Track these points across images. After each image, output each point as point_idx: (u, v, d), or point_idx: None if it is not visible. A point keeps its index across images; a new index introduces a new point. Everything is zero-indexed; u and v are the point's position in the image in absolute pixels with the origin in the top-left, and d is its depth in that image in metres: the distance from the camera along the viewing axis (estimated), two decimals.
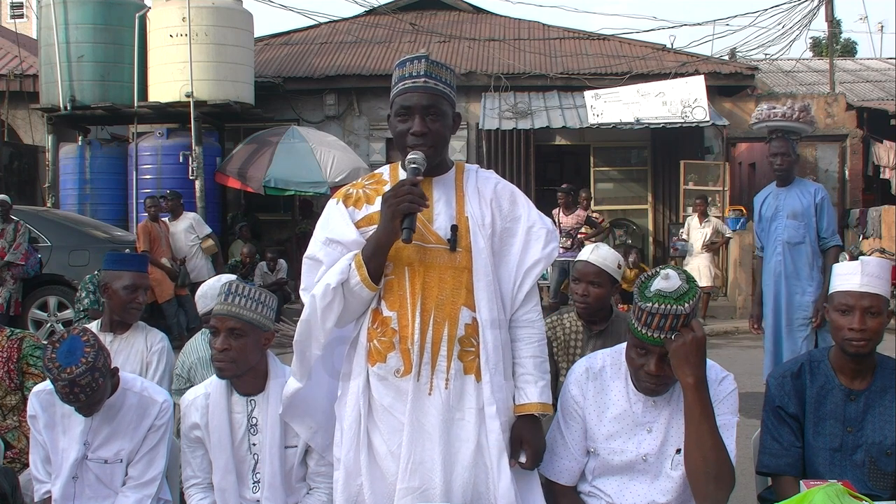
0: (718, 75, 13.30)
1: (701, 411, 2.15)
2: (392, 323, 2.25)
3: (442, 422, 2.23)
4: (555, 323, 3.44)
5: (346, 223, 2.32)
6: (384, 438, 2.26)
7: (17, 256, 8.47)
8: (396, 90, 2.30)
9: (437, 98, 2.27)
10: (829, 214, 5.03)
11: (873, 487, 2.42)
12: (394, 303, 2.26)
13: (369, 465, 2.27)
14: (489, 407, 2.25)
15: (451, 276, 2.27)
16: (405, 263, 2.26)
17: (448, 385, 2.24)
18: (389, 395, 2.25)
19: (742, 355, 8.62)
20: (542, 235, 2.38)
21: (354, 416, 2.28)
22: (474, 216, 2.31)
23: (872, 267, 2.44)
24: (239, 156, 11.98)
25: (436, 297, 2.25)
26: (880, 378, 2.49)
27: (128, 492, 2.66)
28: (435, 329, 2.24)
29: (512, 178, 12.25)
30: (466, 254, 2.28)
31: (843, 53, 26.88)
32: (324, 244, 2.30)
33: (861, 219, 12.66)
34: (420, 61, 2.28)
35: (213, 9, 11.44)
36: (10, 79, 13.47)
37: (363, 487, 2.27)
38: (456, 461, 2.24)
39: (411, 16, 15.79)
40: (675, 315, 2.15)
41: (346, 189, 2.43)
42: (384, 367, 2.25)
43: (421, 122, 2.25)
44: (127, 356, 3.27)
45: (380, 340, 2.26)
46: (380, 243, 2.22)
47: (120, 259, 3.41)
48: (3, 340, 3.35)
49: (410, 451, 2.22)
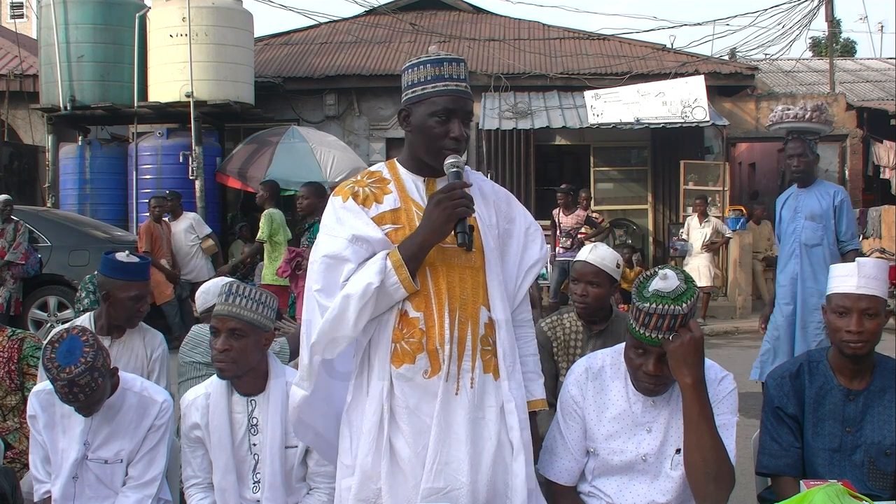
0: (718, 75, 13.30)
1: (699, 412, 2.15)
2: (419, 324, 2.22)
3: (468, 421, 2.21)
4: (555, 323, 3.43)
5: (366, 221, 2.25)
6: (408, 441, 2.22)
7: (17, 256, 8.47)
8: (436, 90, 2.22)
9: (472, 104, 2.31)
10: (848, 217, 4.93)
11: (873, 487, 2.42)
12: (419, 304, 2.23)
13: (391, 470, 2.22)
14: (508, 404, 2.26)
15: (470, 276, 2.27)
16: (427, 264, 2.23)
17: (473, 384, 2.23)
18: (416, 395, 2.21)
19: (742, 355, 8.61)
20: (538, 237, 2.42)
21: (376, 420, 2.23)
22: (482, 217, 2.32)
23: (869, 269, 2.44)
24: (239, 156, 11.98)
25: (459, 297, 2.24)
26: (879, 378, 2.49)
27: (128, 492, 2.66)
28: (460, 328, 2.23)
29: (512, 178, 12.28)
30: (480, 254, 2.29)
31: (843, 53, 26.88)
32: (350, 241, 2.21)
33: (861, 219, 12.65)
34: (460, 65, 2.25)
35: (213, 9, 11.44)
36: (10, 79, 13.47)
37: (382, 492, 2.22)
38: (481, 461, 2.23)
39: (411, 16, 15.79)
40: (672, 315, 2.15)
41: (350, 187, 2.34)
42: (412, 369, 2.21)
43: (461, 126, 2.23)
44: (127, 361, 3.25)
45: (407, 342, 2.22)
46: (425, 245, 2.18)
47: (125, 269, 3.22)
48: (3, 341, 3.35)
49: (437, 451, 2.19)
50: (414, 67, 2.26)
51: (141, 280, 3.26)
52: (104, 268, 3.25)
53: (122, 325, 3.28)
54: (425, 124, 2.23)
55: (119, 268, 3.21)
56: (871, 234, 12.02)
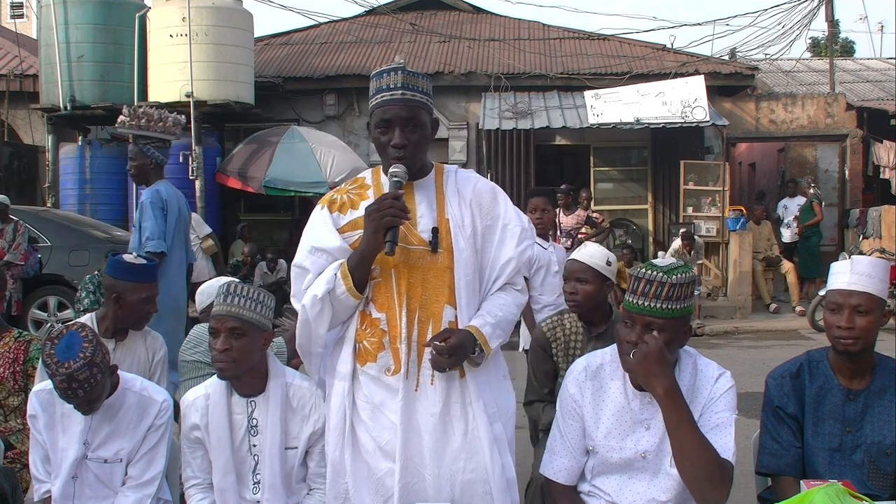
0: (718, 75, 13.29)
1: (678, 418, 2.16)
2: (381, 324, 2.34)
3: (429, 417, 2.30)
4: (555, 324, 3.43)
5: (329, 230, 2.39)
6: (372, 434, 2.32)
7: (17, 256, 8.46)
8: (375, 102, 2.35)
9: (416, 109, 2.33)
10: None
11: (873, 487, 2.42)
12: (382, 304, 2.34)
13: (354, 463, 2.34)
14: (476, 402, 2.32)
15: (434, 277, 2.35)
16: (391, 266, 2.34)
17: (433, 381, 2.32)
18: (380, 393, 2.33)
19: (742, 355, 8.61)
20: (516, 233, 2.44)
21: (340, 415, 2.36)
22: (454, 218, 2.38)
23: (863, 266, 2.44)
24: (239, 156, 11.98)
25: (420, 297, 2.33)
26: (879, 378, 2.49)
27: (127, 491, 2.66)
28: (420, 327, 2.32)
29: (512, 178, 12.27)
30: (448, 254, 2.35)
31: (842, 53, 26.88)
32: (310, 253, 2.38)
33: (861, 219, 12.65)
34: (397, 73, 2.32)
35: (213, 9, 11.44)
36: (10, 79, 13.46)
37: (349, 486, 2.33)
38: (444, 455, 2.30)
39: (411, 16, 15.79)
40: (659, 282, 2.18)
41: (331, 195, 2.50)
42: (374, 367, 2.34)
43: (401, 134, 2.31)
44: (130, 364, 3.24)
45: (369, 341, 2.34)
46: (364, 255, 2.30)
47: (134, 270, 3.18)
48: (10, 342, 3.36)
49: (404, 448, 2.28)
50: (370, 83, 2.39)
51: (150, 281, 3.25)
52: (112, 270, 3.19)
53: (127, 328, 3.28)
54: (374, 136, 2.37)
55: (128, 270, 3.18)
56: (871, 234, 12.00)
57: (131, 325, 3.26)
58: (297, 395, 2.64)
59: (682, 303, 2.22)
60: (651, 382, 2.17)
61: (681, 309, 2.23)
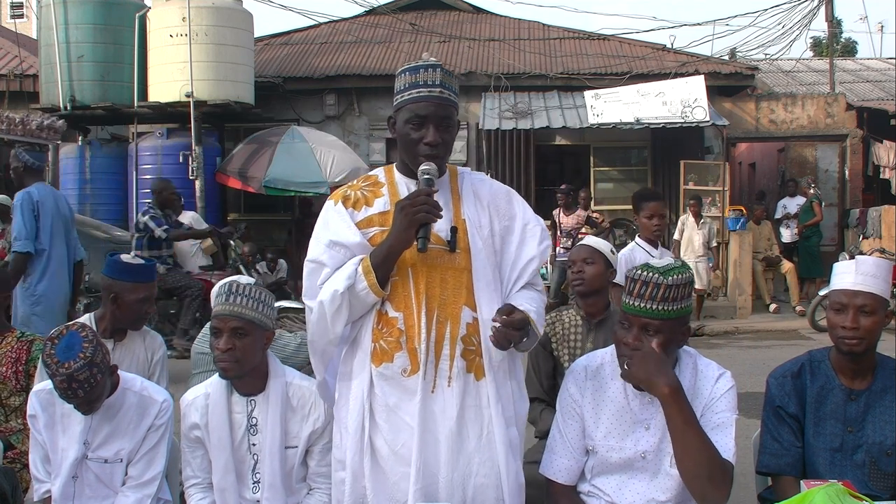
0: (718, 75, 13.30)
1: (683, 419, 2.16)
2: (398, 323, 2.28)
3: (445, 420, 2.26)
4: (553, 319, 3.47)
5: (347, 226, 2.33)
6: (386, 439, 2.27)
7: None
8: (410, 97, 2.28)
9: (450, 109, 2.31)
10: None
11: (873, 488, 2.42)
12: (399, 304, 2.29)
13: (372, 468, 2.28)
14: (494, 405, 2.28)
15: (452, 277, 2.30)
16: (408, 265, 2.29)
17: (451, 384, 2.27)
18: (395, 394, 2.27)
19: (742, 355, 8.61)
20: (536, 233, 2.42)
21: (359, 419, 2.29)
22: (471, 218, 2.35)
23: (867, 266, 2.44)
24: (239, 156, 11.98)
25: (438, 297, 2.28)
26: (881, 378, 2.49)
27: (127, 491, 2.66)
28: (438, 328, 2.27)
29: (512, 179, 12.26)
30: (466, 255, 2.32)
31: (844, 53, 26.88)
32: (328, 247, 2.31)
33: (861, 219, 12.65)
34: (436, 70, 2.28)
35: (213, 9, 11.44)
36: (10, 79, 13.46)
37: (367, 490, 2.29)
38: (458, 458, 2.26)
39: (411, 16, 15.79)
40: (656, 284, 2.18)
41: (344, 191, 2.44)
42: (390, 367, 2.27)
43: (436, 132, 2.27)
44: (129, 364, 3.24)
45: (386, 341, 2.28)
46: (392, 250, 2.24)
47: (132, 270, 3.18)
48: (13, 342, 3.37)
49: (420, 450, 2.24)
50: (399, 76, 2.34)
51: (148, 281, 3.24)
52: (109, 270, 3.18)
53: (125, 328, 3.27)
54: (403, 131, 2.30)
55: (126, 270, 3.17)
56: (871, 234, 12.01)
57: (129, 326, 3.26)
58: (296, 394, 2.64)
59: (679, 303, 2.22)
60: (653, 383, 2.16)
61: (678, 310, 2.22)
